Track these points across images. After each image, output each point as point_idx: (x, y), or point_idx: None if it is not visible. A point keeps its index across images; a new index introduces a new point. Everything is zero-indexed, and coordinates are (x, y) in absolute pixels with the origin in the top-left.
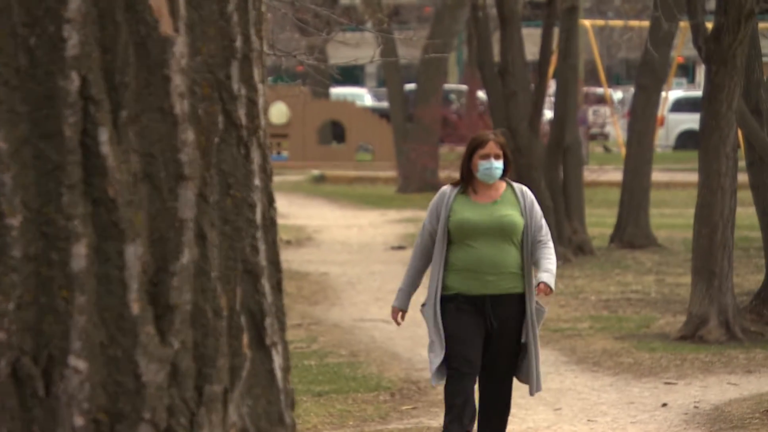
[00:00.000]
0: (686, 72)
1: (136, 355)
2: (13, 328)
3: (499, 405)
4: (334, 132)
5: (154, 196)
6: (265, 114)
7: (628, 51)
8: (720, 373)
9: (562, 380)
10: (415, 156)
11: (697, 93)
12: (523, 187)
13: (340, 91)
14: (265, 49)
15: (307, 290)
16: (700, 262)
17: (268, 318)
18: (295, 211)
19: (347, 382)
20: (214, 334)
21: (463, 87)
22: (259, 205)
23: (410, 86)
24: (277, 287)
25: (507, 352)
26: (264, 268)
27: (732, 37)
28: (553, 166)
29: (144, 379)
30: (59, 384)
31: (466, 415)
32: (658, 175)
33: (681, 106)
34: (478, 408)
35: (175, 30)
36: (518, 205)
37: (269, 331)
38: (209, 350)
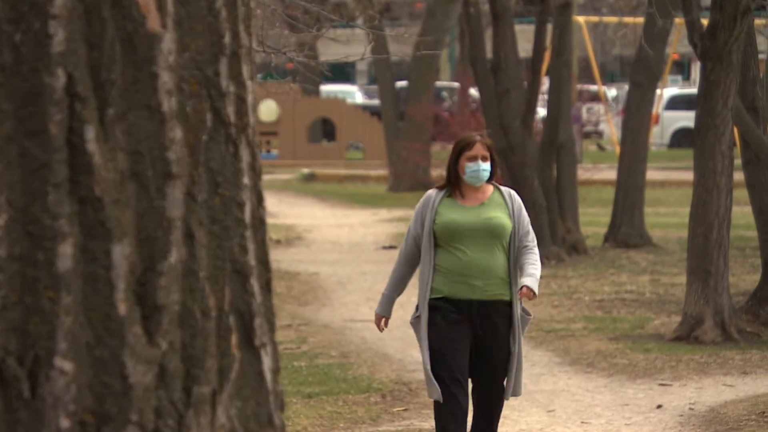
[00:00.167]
0: (681, 69)
1: (123, 356)
2: None
3: (491, 408)
4: (325, 130)
5: (141, 195)
6: (254, 111)
7: (623, 48)
8: (715, 374)
9: (556, 381)
10: (407, 154)
11: (693, 90)
12: (511, 191)
13: (330, 89)
14: (255, 46)
15: (297, 290)
16: (696, 261)
17: (257, 318)
18: (284, 210)
19: (337, 384)
20: (202, 335)
21: (455, 84)
22: (248, 203)
23: (401, 83)
24: (267, 287)
25: (497, 358)
26: (253, 268)
27: (728, 33)
28: (546, 164)
29: (131, 381)
30: (45, 385)
31: None
32: (653, 174)
33: (676, 103)
34: (473, 409)
35: (163, 26)
36: (506, 208)
37: (258, 332)
38: (197, 351)
